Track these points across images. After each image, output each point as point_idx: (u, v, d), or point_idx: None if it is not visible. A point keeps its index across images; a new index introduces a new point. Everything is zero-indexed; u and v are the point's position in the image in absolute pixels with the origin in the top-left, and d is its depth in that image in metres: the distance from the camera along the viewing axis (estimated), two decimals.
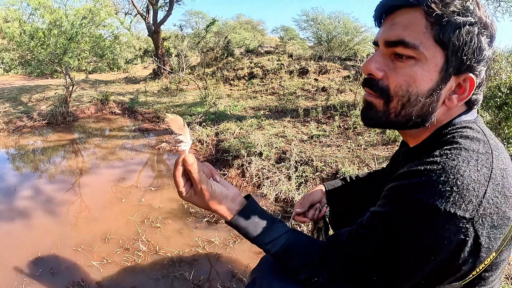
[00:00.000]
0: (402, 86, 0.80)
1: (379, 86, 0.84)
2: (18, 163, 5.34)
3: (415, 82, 0.79)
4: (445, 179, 0.71)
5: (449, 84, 0.80)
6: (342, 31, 14.55)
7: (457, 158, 0.74)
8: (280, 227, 1.01)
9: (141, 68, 18.04)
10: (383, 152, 4.44)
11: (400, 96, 0.81)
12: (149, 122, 7.59)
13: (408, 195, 0.75)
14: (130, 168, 4.84)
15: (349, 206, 1.50)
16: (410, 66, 0.79)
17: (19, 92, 9.97)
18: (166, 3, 13.63)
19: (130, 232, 3.16)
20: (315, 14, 15.75)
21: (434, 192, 0.71)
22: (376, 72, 0.84)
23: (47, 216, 3.52)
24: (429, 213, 0.71)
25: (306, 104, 7.56)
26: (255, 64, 11.81)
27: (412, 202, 0.74)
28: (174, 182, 0.94)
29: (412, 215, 0.74)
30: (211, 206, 0.97)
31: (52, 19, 8.49)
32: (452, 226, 0.70)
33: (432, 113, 0.83)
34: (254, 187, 4.01)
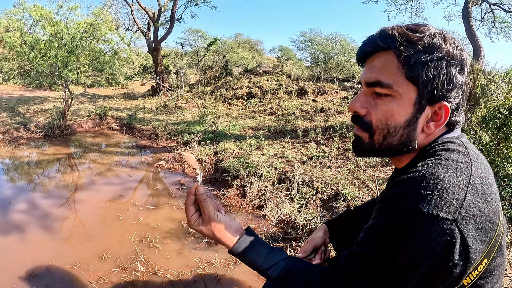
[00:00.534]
0: (382, 120, 0.90)
1: (364, 121, 0.94)
2: (14, 175, 5.27)
3: (392, 116, 0.89)
4: (426, 184, 0.78)
5: (424, 114, 0.88)
6: (339, 52, 14.74)
7: (436, 166, 0.81)
8: (279, 254, 1.08)
9: (140, 84, 18.07)
10: (383, 174, 4.44)
11: (381, 129, 0.91)
12: (147, 139, 7.55)
13: (394, 203, 0.81)
14: (127, 185, 4.78)
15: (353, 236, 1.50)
16: (388, 102, 0.89)
17: (17, 103, 9.94)
18: (167, 20, 13.77)
19: (128, 251, 3.09)
20: (313, 35, 15.98)
21: (416, 197, 0.77)
22: (360, 109, 0.94)
23: (43, 232, 3.45)
24: (413, 217, 0.76)
25: (305, 125, 7.57)
26: (254, 84, 11.86)
27: (398, 209, 0.79)
28: (185, 210, 1.08)
29: (399, 221, 0.79)
30: (216, 235, 1.07)
31: (53, 31, 8.54)
32: (437, 228, 0.74)
33: (412, 140, 0.91)
34: (254, 208, 3.96)
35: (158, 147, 6.87)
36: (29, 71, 15.20)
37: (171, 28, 13.29)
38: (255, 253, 1.07)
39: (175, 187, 4.64)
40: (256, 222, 3.63)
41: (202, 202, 1.05)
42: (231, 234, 1.09)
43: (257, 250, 1.07)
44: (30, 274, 2.74)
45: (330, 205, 3.76)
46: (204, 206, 1.05)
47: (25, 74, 16.08)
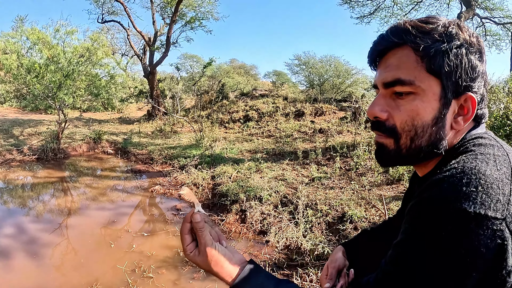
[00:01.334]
0: (407, 121, 0.82)
1: (386, 127, 0.86)
2: (3, 198, 5.04)
3: (418, 115, 0.81)
4: (467, 180, 0.69)
5: (451, 108, 0.81)
6: (334, 74, 14.77)
7: (474, 160, 0.74)
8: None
9: (136, 109, 17.99)
10: (389, 192, 4.28)
11: (407, 131, 0.83)
12: (142, 164, 7.35)
13: (431, 207, 0.71)
14: (121, 211, 4.55)
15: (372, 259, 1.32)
16: (411, 101, 0.81)
17: (11, 125, 9.78)
18: (162, 44, 13.76)
19: (119, 281, 2.85)
20: (307, 58, 16.04)
21: (458, 196, 0.67)
22: (380, 114, 0.86)
23: (29, 258, 3.22)
24: (458, 219, 0.67)
25: (304, 146, 7.41)
26: (250, 107, 11.77)
27: (437, 213, 0.69)
28: (181, 238, 0.94)
29: (439, 228, 0.68)
30: (212, 268, 0.93)
31: (50, 54, 8.46)
32: (486, 229, 0.65)
33: (441, 139, 0.83)
34: (255, 234, 3.74)
35: (153, 172, 6.67)
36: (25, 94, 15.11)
37: (167, 52, 13.26)
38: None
39: (171, 213, 4.42)
40: (258, 249, 3.41)
41: (199, 231, 0.93)
42: (231, 267, 0.94)
43: (261, 285, 0.92)
44: None
45: (337, 228, 3.55)
46: (201, 236, 0.93)
47: (21, 97, 16.01)
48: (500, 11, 12.13)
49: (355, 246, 1.44)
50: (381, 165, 0.91)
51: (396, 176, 4.64)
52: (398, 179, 4.62)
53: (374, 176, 4.92)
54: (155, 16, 13.88)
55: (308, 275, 2.81)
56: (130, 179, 6.27)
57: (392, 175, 4.69)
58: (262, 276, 0.95)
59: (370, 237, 1.46)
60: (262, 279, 0.94)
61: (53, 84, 7.99)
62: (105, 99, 14.87)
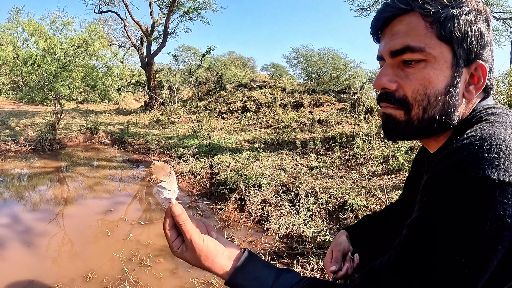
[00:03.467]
0: (419, 90, 0.78)
1: (396, 97, 0.82)
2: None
3: (430, 83, 0.77)
4: (488, 147, 0.66)
5: (463, 77, 0.78)
6: (332, 67, 14.73)
7: (492, 128, 0.71)
8: (289, 277, 0.87)
9: (132, 100, 17.89)
10: (389, 182, 4.23)
11: (420, 101, 0.79)
12: (139, 154, 7.28)
13: (451, 177, 0.66)
14: (118, 200, 4.48)
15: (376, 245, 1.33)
16: (422, 69, 0.77)
17: (7, 116, 9.69)
18: (160, 35, 13.64)
19: (115, 270, 2.78)
20: (305, 51, 15.99)
21: (480, 163, 0.64)
22: (389, 84, 0.82)
23: (23, 248, 3.14)
24: (482, 188, 0.62)
25: (303, 137, 7.35)
26: (248, 98, 11.69)
27: (458, 183, 0.65)
28: (165, 235, 0.84)
29: (461, 198, 0.64)
30: (203, 263, 0.85)
31: (46, 46, 8.36)
32: (511, 197, 0.61)
33: (455, 108, 0.80)
34: (254, 222, 3.68)
35: (150, 161, 6.54)
36: (21, 86, 15.00)
37: (164, 42, 13.15)
38: (258, 281, 0.85)
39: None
40: (257, 238, 3.35)
41: (181, 224, 0.83)
42: (223, 261, 0.87)
43: (260, 278, 0.86)
44: None
45: (337, 216, 3.50)
46: (185, 230, 0.84)
47: (17, 88, 15.87)
48: (499, 6, 12.07)
49: (358, 231, 1.40)
50: (389, 138, 0.89)
51: (396, 166, 4.59)
52: (398, 169, 4.57)
53: (374, 166, 4.87)
54: (152, 6, 13.72)
55: (309, 263, 2.75)
56: (127, 169, 6.20)
57: (392, 165, 4.64)
58: (260, 267, 0.89)
59: (373, 222, 1.42)
60: (259, 271, 0.88)
61: (49, 73, 7.89)
62: (101, 90, 14.75)
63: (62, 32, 10.38)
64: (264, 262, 0.91)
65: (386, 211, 1.45)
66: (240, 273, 0.87)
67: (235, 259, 0.90)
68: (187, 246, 0.86)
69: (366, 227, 1.43)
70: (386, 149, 5.17)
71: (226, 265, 0.88)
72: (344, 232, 1.40)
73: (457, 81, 0.78)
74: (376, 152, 5.25)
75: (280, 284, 0.86)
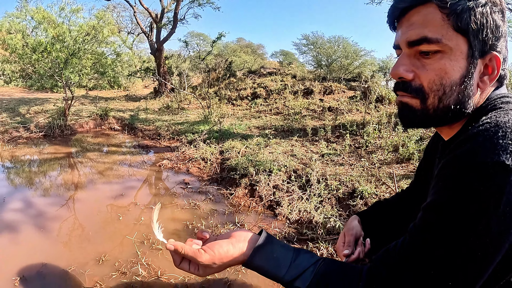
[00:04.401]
0: (436, 80, 0.81)
1: (413, 87, 0.84)
2: (9, 174, 5.02)
3: (446, 74, 0.80)
4: (503, 133, 0.69)
5: (477, 68, 0.81)
6: (342, 55, 14.63)
7: (506, 115, 0.74)
8: (306, 257, 0.92)
9: (142, 87, 17.93)
10: (399, 171, 4.21)
11: (436, 90, 0.82)
12: (150, 139, 7.31)
13: (467, 162, 0.70)
14: (129, 185, 4.51)
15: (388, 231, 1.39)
16: (438, 60, 0.80)
17: (17, 104, 9.75)
18: (169, 21, 13.58)
19: (128, 253, 2.81)
20: (315, 38, 15.87)
21: (495, 149, 0.67)
22: (406, 74, 0.84)
23: (36, 232, 3.18)
24: (496, 173, 0.65)
25: (313, 124, 7.33)
26: (258, 84, 11.66)
27: (474, 168, 0.68)
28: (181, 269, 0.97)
29: (477, 183, 0.67)
30: (224, 265, 0.94)
31: (55, 33, 8.36)
32: None
33: (469, 98, 0.82)
34: (264, 207, 3.68)
35: (161, 147, 6.62)
36: (31, 73, 15.07)
37: (174, 29, 13.12)
38: (276, 262, 0.90)
39: (180, 187, 4.36)
40: (268, 223, 3.35)
41: (183, 255, 0.95)
42: (238, 250, 0.94)
43: (278, 258, 0.90)
44: (19, 278, 2.46)
45: (347, 203, 3.49)
46: (188, 257, 0.94)
47: (26, 76, 15.95)
48: None
49: (370, 216, 1.44)
50: (405, 126, 0.92)
51: (406, 155, 4.57)
52: (408, 158, 4.54)
53: (384, 154, 4.84)
54: None
55: (318, 249, 2.75)
56: (137, 154, 6.22)
57: (402, 154, 4.61)
58: (277, 248, 0.93)
59: (385, 208, 1.47)
60: (277, 251, 0.92)
61: (60, 60, 7.91)
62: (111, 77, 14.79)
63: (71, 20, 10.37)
64: (281, 243, 0.95)
65: (397, 198, 1.49)
66: (258, 255, 0.91)
67: (250, 241, 0.95)
68: (198, 266, 0.94)
69: (378, 213, 1.46)
70: (397, 138, 5.14)
71: (241, 252, 0.93)
72: (356, 217, 1.45)
73: (472, 71, 0.80)
74: (386, 141, 5.21)
75: (298, 265, 0.89)
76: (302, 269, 0.88)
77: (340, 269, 0.88)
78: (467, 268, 0.70)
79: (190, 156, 5.48)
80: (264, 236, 0.95)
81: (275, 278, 0.90)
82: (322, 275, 0.86)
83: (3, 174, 5.01)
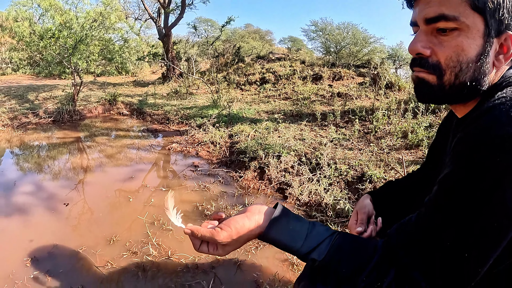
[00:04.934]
0: (452, 57, 0.82)
1: (430, 63, 0.85)
2: (20, 158, 5.06)
3: (463, 51, 0.80)
4: None
5: (493, 47, 0.81)
6: (351, 42, 14.44)
7: None
8: (322, 230, 0.92)
9: (150, 73, 17.90)
10: (407, 156, 4.18)
11: (452, 67, 0.83)
12: (158, 124, 7.32)
13: (483, 134, 0.71)
14: (138, 168, 4.53)
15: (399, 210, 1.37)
16: (455, 37, 0.81)
17: (26, 90, 9.78)
18: (177, 6, 13.46)
19: (138, 234, 2.83)
20: (324, 24, 15.66)
21: (511, 121, 0.68)
22: (423, 50, 0.85)
23: (47, 214, 3.21)
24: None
25: (322, 109, 7.28)
26: (267, 69, 11.59)
27: (490, 140, 0.69)
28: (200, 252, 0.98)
29: (493, 155, 0.67)
30: (242, 239, 0.95)
31: (63, 20, 8.35)
32: None
33: (485, 75, 0.83)
34: (273, 190, 3.68)
35: (170, 131, 6.63)
36: (38, 61, 15.10)
37: (182, 14, 13.01)
38: (291, 234, 0.91)
39: (189, 169, 4.38)
40: None
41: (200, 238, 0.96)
42: (255, 223, 0.94)
43: (293, 231, 0.91)
44: (31, 258, 2.50)
45: (356, 187, 3.48)
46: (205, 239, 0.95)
47: (34, 64, 15.99)
48: None
49: (381, 196, 1.45)
50: (421, 101, 0.93)
51: (415, 142, 4.54)
52: (417, 145, 4.52)
53: (392, 140, 4.82)
54: None
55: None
56: (146, 138, 6.24)
57: (411, 140, 4.58)
58: (293, 221, 0.93)
59: (396, 188, 1.47)
60: (293, 224, 0.92)
61: (69, 45, 7.92)
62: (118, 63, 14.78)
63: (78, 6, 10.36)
64: (296, 215, 0.96)
65: (408, 178, 1.49)
66: (274, 227, 0.92)
67: (266, 213, 0.95)
68: (217, 245, 0.95)
69: (389, 193, 1.47)
70: (406, 124, 5.10)
71: (258, 224, 0.94)
72: (368, 196, 1.46)
73: (488, 50, 0.81)
74: (395, 127, 5.18)
75: (314, 237, 0.90)
76: (318, 241, 0.89)
77: (356, 241, 0.89)
78: (482, 239, 0.70)
79: (199, 139, 5.48)
80: (280, 208, 0.95)
81: (291, 251, 0.91)
82: (338, 247, 0.87)
83: (14, 159, 5.06)
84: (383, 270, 0.81)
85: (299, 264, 2.39)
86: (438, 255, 0.74)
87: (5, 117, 7.07)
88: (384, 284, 0.80)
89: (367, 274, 0.82)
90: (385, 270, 0.81)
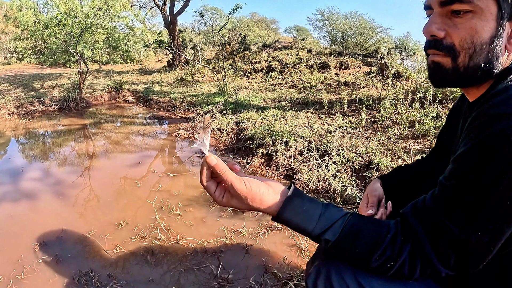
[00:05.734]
0: (467, 39, 0.83)
1: (444, 45, 0.87)
2: (26, 146, 5.08)
3: (477, 33, 0.81)
4: None
5: (506, 30, 0.82)
6: (358, 31, 14.26)
7: None
8: (335, 211, 0.92)
9: (155, 61, 17.86)
10: (414, 146, 4.16)
11: (467, 49, 0.84)
12: (165, 111, 7.32)
13: (496, 113, 0.73)
14: (146, 154, 4.54)
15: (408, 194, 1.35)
16: (470, 19, 0.82)
17: (31, 79, 9.79)
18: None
19: (147, 219, 2.84)
20: (331, 13, 15.47)
21: None
22: (438, 32, 0.86)
23: (55, 199, 3.23)
24: None
25: (329, 97, 7.24)
26: (273, 58, 11.52)
27: (504, 118, 0.71)
28: (205, 189, 0.93)
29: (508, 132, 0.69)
30: (252, 205, 0.91)
31: (67, 9, 8.31)
32: None
33: (497, 58, 0.84)
34: (280, 177, 3.68)
35: (176, 118, 6.63)
36: (43, 50, 15.09)
37: (188, 1, 12.93)
38: (305, 215, 0.89)
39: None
40: None
41: (221, 173, 0.89)
42: (271, 197, 0.91)
43: (307, 211, 0.90)
44: (40, 243, 2.51)
45: (363, 175, 3.46)
46: (225, 178, 0.89)
47: (39, 53, 15.99)
48: None
49: (391, 180, 1.46)
50: (435, 85, 0.95)
51: (422, 132, 4.51)
52: (424, 135, 4.49)
53: (399, 129, 4.78)
54: None
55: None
56: (153, 125, 6.25)
57: (418, 130, 4.55)
58: (306, 201, 0.91)
59: (405, 173, 1.49)
60: (306, 204, 0.91)
61: (75, 33, 7.90)
62: (124, 51, 14.74)
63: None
64: (309, 197, 0.94)
65: (417, 164, 1.51)
66: (288, 208, 0.90)
67: (282, 194, 0.93)
68: (231, 193, 0.91)
69: (399, 177, 1.48)
70: (413, 113, 5.06)
71: (273, 201, 0.91)
72: (378, 180, 1.48)
73: (501, 33, 0.82)
74: (402, 116, 5.14)
75: (327, 218, 0.90)
76: (331, 222, 0.89)
77: (369, 222, 0.89)
78: (498, 214, 0.72)
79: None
80: (293, 188, 0.94)
81: (304, 232, 0.90)
82: (351, 227, 0.87)
83: (20, 146, 5.08)
84: (396, 249, 0.82)
85: (307, 249, 2.39)
86: (453, 232, 0.76)
87: (11, 106, 7.09)
88: (397, 263, 0.82)
89: (380, 253, 0.83)
90: (399, 248, 0.82)
